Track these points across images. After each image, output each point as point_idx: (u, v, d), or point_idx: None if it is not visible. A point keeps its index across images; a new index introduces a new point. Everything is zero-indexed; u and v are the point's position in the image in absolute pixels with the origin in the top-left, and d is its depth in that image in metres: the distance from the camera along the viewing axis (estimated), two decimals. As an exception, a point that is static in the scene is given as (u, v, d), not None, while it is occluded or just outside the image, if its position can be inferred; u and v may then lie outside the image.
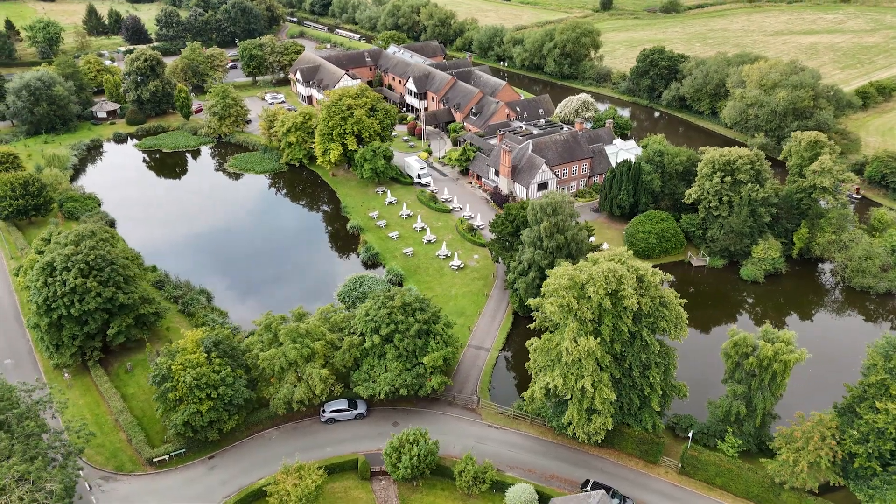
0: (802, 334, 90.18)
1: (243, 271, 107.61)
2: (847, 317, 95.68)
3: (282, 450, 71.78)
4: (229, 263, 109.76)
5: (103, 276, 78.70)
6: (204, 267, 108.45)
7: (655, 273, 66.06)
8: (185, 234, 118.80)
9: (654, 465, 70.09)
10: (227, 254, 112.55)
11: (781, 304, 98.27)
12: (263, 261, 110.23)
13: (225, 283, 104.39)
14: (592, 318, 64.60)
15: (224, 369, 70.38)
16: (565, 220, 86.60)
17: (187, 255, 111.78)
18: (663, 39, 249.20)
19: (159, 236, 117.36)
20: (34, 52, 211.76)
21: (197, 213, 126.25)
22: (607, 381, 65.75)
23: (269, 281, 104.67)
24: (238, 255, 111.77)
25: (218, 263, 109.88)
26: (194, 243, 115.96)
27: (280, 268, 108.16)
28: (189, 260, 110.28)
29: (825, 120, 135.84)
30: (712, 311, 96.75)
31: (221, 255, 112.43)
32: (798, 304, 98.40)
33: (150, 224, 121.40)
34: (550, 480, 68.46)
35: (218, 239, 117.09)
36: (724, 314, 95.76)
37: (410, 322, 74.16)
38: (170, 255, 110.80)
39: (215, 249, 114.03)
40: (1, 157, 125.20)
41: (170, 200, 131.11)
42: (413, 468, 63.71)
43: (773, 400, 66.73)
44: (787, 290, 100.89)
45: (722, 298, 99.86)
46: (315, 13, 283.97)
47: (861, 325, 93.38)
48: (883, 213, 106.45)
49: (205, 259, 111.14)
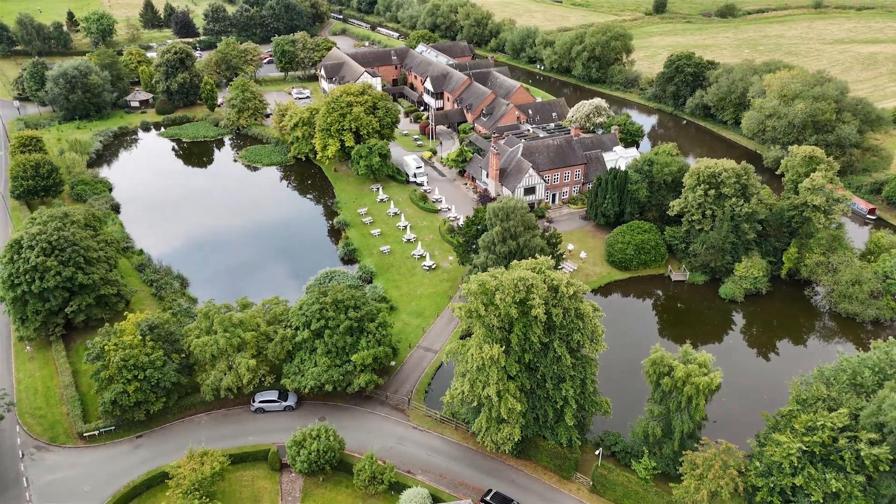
0: (771, 360, 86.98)
1: (227, 259, 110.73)
2: (824, 344, 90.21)
3: (208, 435, 73.81)
4: (215, 251, 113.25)
5: (64, 257, 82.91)
6: (190, 253, 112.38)
7: (571, 284, 64.27)
8: (182, 220, 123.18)
9: (567, 481, 68.31)
10: (217, 241, 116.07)
11: (755, 326, 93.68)
12: (249, 250, 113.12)
13: (206, 269, 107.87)
14: (500, 325, 63.59)
15: (156, 353, 73.00)
16: (517, 226, 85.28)
17: (178, 241, 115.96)
18: (711, 45, 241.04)
19: (158, 222, 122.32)
20: (88, 43, 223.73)
21: (198, 201, 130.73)
22: (514, 391, 64.57)
23: (248, 270, 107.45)
24: (226, 244, 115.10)
25: (204, 250, 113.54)
26: (188, 230, 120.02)
27: (262, 258, 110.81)
28: (179, 245, 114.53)
29: (847, 135, 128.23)
30: (679, 328, 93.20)
31: (210, 242, 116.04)
32: (774, 328, 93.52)
33: (152, 210, 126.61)
34: (458, 487, 67.78)
35: (211, 227, 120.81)
36: (691, 333, 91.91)
37: (341, 319, 74.78)
38: (163, 241, 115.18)
39: (205, 237, 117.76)
40: (24, 140, 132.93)
41: (176, 188, 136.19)
42: (312, 463, 64.42)
43: (692, 424, 63.84)
44: (765, 312, 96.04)
45: (694, 316, 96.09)
46: (361, 11, 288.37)
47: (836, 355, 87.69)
48: (880, 236, 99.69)
49: (193, 245, 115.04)
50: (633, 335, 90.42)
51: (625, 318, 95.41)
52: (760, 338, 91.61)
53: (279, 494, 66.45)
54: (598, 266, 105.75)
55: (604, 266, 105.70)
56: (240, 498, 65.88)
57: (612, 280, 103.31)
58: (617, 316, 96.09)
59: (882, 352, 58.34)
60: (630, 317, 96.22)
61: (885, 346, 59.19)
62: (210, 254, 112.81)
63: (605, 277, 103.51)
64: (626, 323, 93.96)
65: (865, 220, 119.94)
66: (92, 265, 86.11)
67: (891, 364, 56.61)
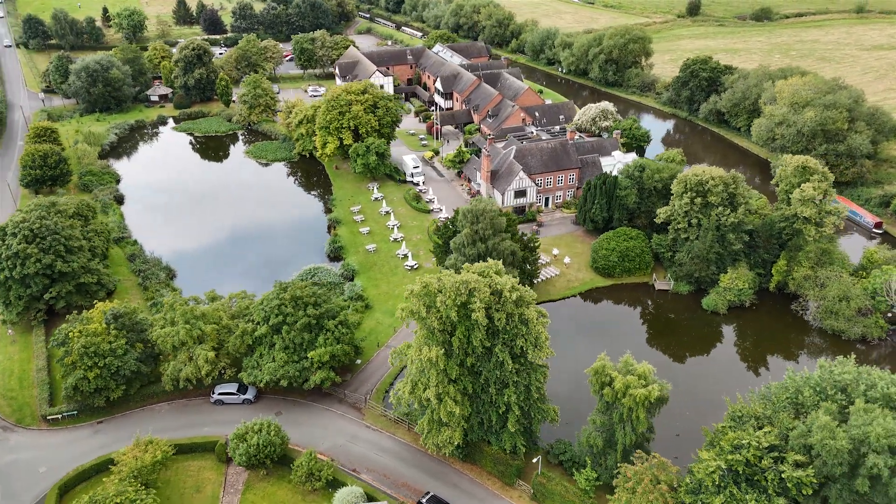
0: (746, 375, 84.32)
1: (218, 252, 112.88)
2: (804, 360, 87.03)
3: (166, 424, 75.45)
4: (209, 243, 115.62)
5: (45, 244, 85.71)
6: (184, 244, 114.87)
7: (515, 289, 63.53)
8: (182, 212, 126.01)
9: (510, 488, 67.59)
10: (211, 234, 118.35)
11: (735, 339, 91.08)
12: (242, 244, 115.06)
13: (197, 261, 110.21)
14: (441, 328, 63.32)
15: (118, 341, 74.95)
16: (486, 229, 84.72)
17: (175, 233, 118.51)
18: (741, 49, 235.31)
19: (159, 213, 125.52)
20: (120, 38, 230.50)
21: (201, 193, 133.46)
22: (455, 395, 64.20)
23: (237, 263, 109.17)
24: (221, 237, 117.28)
25: (198, 242, 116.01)
26: (186, 222, 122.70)
27: (253, 252, 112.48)
28: (175, 237, 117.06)
29: (858, 145, 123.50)
30: (654, 338, 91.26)
31: (205, 234, 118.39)
32: (754, 342, 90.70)
33: (156, 201, 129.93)
34: (400, 488, 67.76)
35: (209, 219, 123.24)
36: (666, 343, 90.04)
37: (299, 315, 75.48)
38: (161, 232, 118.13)
39: (201, 229, 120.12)
40: (39, 131, 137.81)
41: (182, 181, 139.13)
42: (251, 456, 65.19)
43: (634, 436, 62.44)
44: (748, 326, 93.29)
45: (672, 326, 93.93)
46: (389, 10, 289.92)
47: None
48: (874, 251, 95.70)
49: (188, 237, 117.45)
50: (604, 343, 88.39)
51: (600, 326, 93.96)
52: (739, 351, 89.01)
53: (222, 486, 67.47)
54: (581, 272, 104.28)
55: (587, 272, 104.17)
56: (183, 487, 67.11)
57: (594, 286, 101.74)
58: (592, 323, 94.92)
59: (827, 371, 56.07)
60: (605, 324, 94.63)
61: (831, 365, 56.85)
62: (203, 246, 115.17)
63: (586, 284, 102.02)
64: (600, 330, 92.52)
65: (871, 233, 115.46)
66: (73, 253, 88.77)
67: (833, 384, 54.35)
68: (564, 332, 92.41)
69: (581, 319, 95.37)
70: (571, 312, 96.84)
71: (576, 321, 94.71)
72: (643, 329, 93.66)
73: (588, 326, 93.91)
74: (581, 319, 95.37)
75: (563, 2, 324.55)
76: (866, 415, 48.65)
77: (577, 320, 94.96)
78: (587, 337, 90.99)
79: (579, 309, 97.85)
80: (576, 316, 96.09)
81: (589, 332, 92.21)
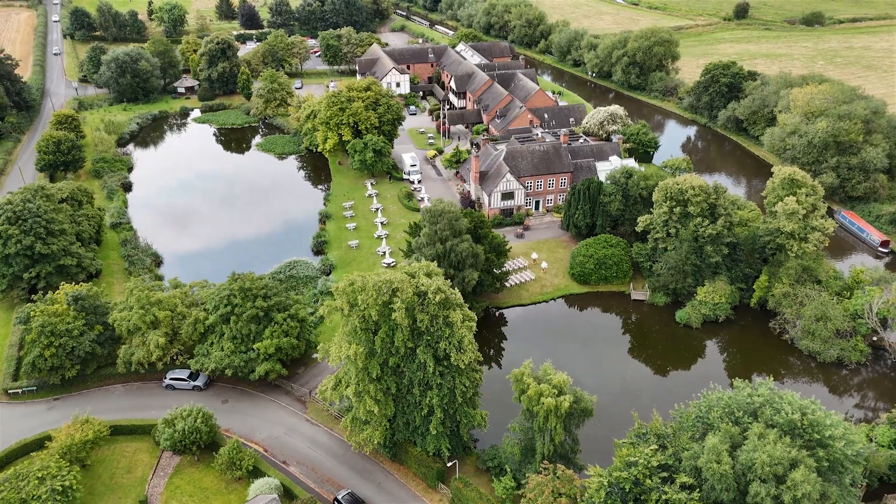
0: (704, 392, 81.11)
1: (210, 241, 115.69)
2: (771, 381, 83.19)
3: (118, 404, 78.08)
4: (204, 232, 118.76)
5: (26, 226, 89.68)
6: (180, 232, 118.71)
7: (440, 291, 63.00)
8: (184, 201, 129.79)
9: (433, 491, 67.19)
10: (207, 223, 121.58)
11: (702, 355, 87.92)
12: (236, 234, 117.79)
13: (187, 249, 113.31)
14: (364, 326, 63.40)
15: (76, 322, 77.91)
16: (443, 231, 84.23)
17: (173, 220, 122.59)
18: (783, 55, 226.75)
19: (163, 201, 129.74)
20: (161, 32, 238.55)
21: (206, 184, 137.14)
22: (376, 393, 64.17)
23: (225, 253, 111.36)
24: (216, 227, 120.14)
25: (193, 230, 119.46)
26: (186, 210, 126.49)
27: (243, 243, 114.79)
28: (172, 224, 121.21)
29: (871, 158, 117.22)
30: (618, 348, 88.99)
31: (201, 223, 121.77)
32: (722, 359, 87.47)
33: (161, 190, 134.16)
34: (324, 483, 68.23)
35: (208, 209, 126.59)
36: (626, 354, 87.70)
37: (247, 307, 76.82)
38: (160, 219, 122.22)
39: (199, 218, 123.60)
40: (61, 118, 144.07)
41: (191, 170, 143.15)
42: (176, 442, 66.72)
43: (552, 446, 61.12)
44: (720, 342, 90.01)
45: (639, 338, 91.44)
46: (426, 8, 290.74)
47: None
48: (860, 270, 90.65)
49: (184, 225, 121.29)
50: (562, 350, 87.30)
51: (564, 333, 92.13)
52: (704, 368, 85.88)
53: (153, 469, 69.31)
54: (558, 277, 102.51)
55: (564, 278, 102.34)
56: (116, 467, 69.26)
57: (569, 293, 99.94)
58: (556, 330, 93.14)
59: (741, 392, 53.50)
60: (570, 332, 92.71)
61: (746, 386, 54.18)
62: (197, 235, 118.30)
63: (560, 290, 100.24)
64: (562, 337, 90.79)
65: (877, 252, 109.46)
66: (54, 236, 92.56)
67: (742, 406, 51.84)
68: (524, 338, 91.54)
69: (545, 326, 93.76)
70: (538, 318, 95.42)
71: (539, 327, 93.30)
72: (608, 338, 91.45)
73: (551, 333, 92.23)
74: (545, 326, 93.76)
75: (606, 2, 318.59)
76: (758, 441, 46.30)
77: (541, 326, 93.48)
78: (547, 343, 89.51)
79: (547, 315, 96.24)
80: (541, 322, 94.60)
81: (549, 339, 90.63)
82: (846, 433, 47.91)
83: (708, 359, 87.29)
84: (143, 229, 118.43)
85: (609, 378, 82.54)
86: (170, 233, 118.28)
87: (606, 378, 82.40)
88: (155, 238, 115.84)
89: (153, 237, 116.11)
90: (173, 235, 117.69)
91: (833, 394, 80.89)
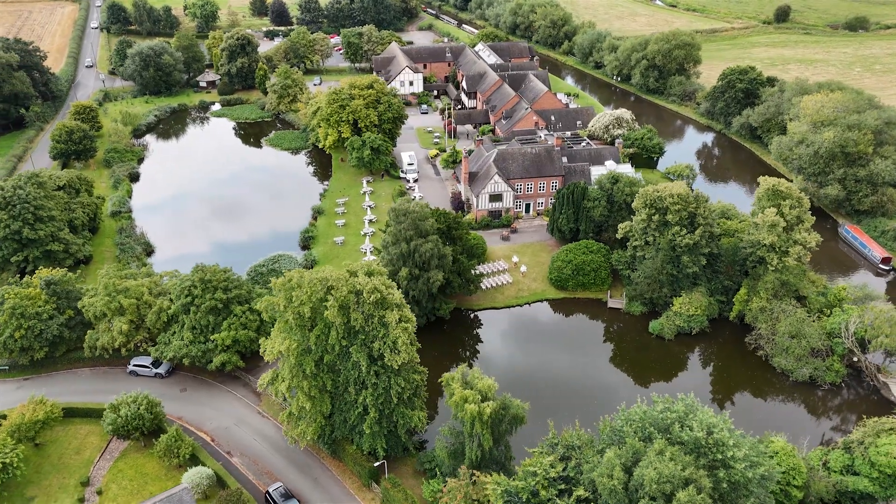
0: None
1: (204, 232, 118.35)
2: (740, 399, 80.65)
3: (83, 387, 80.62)
4: (200, 223, 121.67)
5: (14, 212, 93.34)
6: (176, 222, 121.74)
7: (376, 291, 63.03)
8: (186, 192, 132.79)
9: (367, 489, 67.33)
10: (205, 215, 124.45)
11: (670, 367, 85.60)
12: (231, 226, 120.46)
13: (181, 239, 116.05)
14: (299, 322, 63.88)
15: (46, 306, 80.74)
16: (407, 230, 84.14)
17: (173, 210, 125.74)
18: (818, 61, 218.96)
19: (165, 192, 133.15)
20: (193, 27, 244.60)
21: (210, 176, 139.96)
22: (309, 389, 64.60)
23: (217, 245, 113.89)
24: (214, 219, 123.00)
25: (189, 221, 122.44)
26: (187, 201, 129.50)
27: (235, 235, 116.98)
28: (171, 215, 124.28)
29: (880, 171, 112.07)
30: (584, 356, 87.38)
31: (199, 214, 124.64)
32: (691, 374, 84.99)
33: (166, 181, 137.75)
34: (262, 475, 69.10)
35: (208, 201, 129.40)
36: (591, 362, 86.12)
37: (206, 298, 78.32)
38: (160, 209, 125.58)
39: (198, 209, 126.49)
40: (79, 109, 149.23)
41: (198, 163, 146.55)
42: (119, 427, 68.43)
43: (480, 451, 60.46)
44: (691, 355, 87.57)
45: (608, 347, 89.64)
46: (457, 7, 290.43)
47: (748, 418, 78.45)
48: (842, 288, 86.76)
49: (182, 215, 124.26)
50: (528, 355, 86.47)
51: (533, 338, 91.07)
52: (666, 380, 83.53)
53: (101, 451, 71.28)
54: (536, 282, 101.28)
55: (542, 283, 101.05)
56: (67, 448, 71.46)
57: (545, 298, 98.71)
58: (526, 334, 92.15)
59: (658, 407, 51.86)
60: (540, 337, 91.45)
61: (666, 400, 52.46)
62: (193, 225, 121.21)
63: (536, 294, 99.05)
64: (531, 342, 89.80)
65: (878, 269, 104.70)
66: (42, 222, 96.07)
67: (654, 421, 50.25)
68: (491, 341, 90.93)
69: (515, 330, 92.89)
70: (510, 322, 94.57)
71: (507, 331, 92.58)
72: (576, 345, 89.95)
73: (520, 337, 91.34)
74: (515, 330, 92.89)
75: (642, 3, 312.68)
76: (654, 457, 44.92)
77: (510, 330, 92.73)
78: (513, 347, 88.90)
79: (519, 319, 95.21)
80: (512, 326, 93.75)
81: (516, 343, 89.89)
82: (749, 455, 45.99)
83: (674, 371, 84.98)
84: (142, 219, 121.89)
85: (567, 385, 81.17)
86: (167, 223, 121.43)
87: (564, 385, 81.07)
88: (152, 227, 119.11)
89: (151, 226, 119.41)
90: (170, 225, 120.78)
91: (799, 415, 77.88)
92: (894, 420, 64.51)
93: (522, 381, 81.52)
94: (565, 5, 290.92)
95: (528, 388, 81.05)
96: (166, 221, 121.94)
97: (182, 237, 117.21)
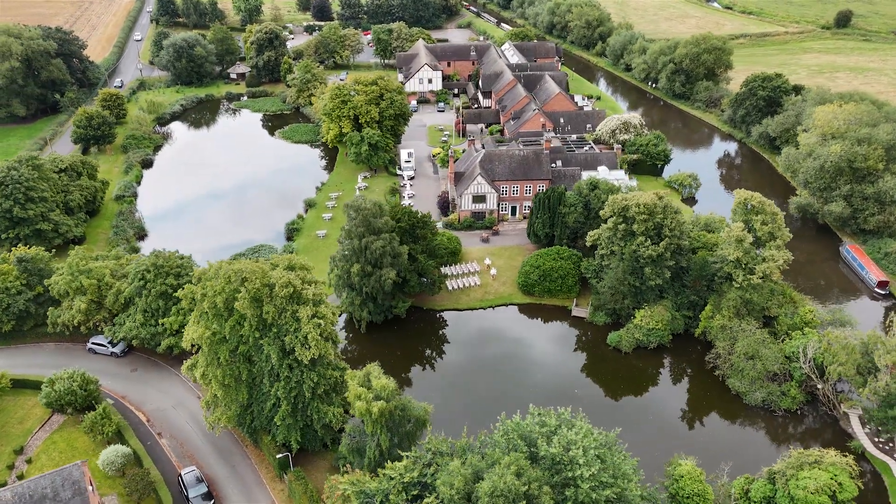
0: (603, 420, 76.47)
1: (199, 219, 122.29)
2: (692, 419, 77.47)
3: (44, 361, 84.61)
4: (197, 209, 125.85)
5: (7, 191, 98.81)
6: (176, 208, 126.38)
7: (290, 285, 63.67)
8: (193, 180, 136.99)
9: (279, 480, 68.18)
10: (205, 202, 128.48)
11: (621, 381, 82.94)
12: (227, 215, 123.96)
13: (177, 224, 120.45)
14: (214, 312, 65.20)
15: (16, 282, 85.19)
16: (358, 227, 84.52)
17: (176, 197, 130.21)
18: (871, 69, 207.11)
19: (174, 178, 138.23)
20: (238, 20, 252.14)
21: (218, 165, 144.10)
22: (223, 378, 65.83)
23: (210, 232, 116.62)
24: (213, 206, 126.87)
25: (188, 207, 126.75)
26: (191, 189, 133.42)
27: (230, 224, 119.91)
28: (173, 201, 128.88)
29: (889, 189, 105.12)
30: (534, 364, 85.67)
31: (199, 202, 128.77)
32: (641, 389, 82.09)
33: (177, 168, 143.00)
34: (185, 459, 70.96)
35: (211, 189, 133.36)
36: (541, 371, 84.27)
37: (158, 283, 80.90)
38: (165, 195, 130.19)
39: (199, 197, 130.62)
40: (106, 97, 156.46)
41: (211, 152, 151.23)
42: (52, 401, 71.59)
43: (379, 452, 60.30)
44: (645, 370, 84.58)
45: (561, 356, 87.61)
46: (500, 6, 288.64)
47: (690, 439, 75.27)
48: (810, 310, 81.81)
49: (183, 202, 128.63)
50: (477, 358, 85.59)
51: (489, 341, 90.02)
52: (615, 395, 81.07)
53: (42, 423, 74.70)
54: (505, 286, 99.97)
55: (511, 287, 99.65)
56: (11, 417, 75.14)
57: (510, 302, 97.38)
58: (483, 337, 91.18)
59: (535, 421, 50.37)
60: (496, 341, 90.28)
61: (540, 413, 50.89)
62: (190, 212, 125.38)
63: (502, 298, 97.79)
64: (484, 346, 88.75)
65: (874, 293, 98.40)
66: (33, 202, 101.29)
67: (523, 434, 48.89)
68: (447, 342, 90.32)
69: (471, 332, 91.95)
70: (470, 324, 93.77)
71: (462, 333, 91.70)
72: (531, 351, 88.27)
73: (476, 340, 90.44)
74: (471, 332, 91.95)
75: (696, 4, 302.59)
76: (500, 469, 43.84)
77: (465, 332, 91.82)
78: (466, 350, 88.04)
79: (479, 322, 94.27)
80: (469, 328, 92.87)
81: (469, 346, 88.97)
82: (597, 476, 44.14)
83: (622, 386, 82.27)
84: (144, 204, 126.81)
85: (506, 391, 79.80)
86: (167, 209, 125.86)
87: (502, 390, 79.78)
88: (153, 212, 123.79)
89: (152, 211, 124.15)
90: (170, 211, 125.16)
91: (743, 440, 74.13)
92: (819, 453, 60.70)
93: (462, 384, 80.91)
94: (614, 5, 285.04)
95: (466, 391, 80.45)
96: (167, 207, 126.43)
97: (178, 224, 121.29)
